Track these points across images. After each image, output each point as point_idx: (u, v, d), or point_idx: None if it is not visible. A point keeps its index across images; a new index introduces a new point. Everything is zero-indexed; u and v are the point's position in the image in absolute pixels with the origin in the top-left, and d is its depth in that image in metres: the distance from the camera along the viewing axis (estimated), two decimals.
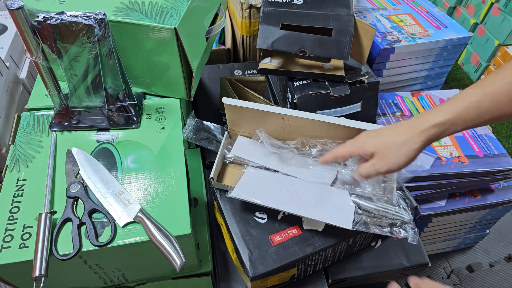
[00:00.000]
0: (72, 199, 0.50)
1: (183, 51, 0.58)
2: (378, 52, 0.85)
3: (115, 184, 0.53)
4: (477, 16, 1.51)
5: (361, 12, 0.98)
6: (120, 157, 0.57)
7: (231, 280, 0.64)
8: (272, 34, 0.71)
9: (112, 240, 0.48)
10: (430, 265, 0.68)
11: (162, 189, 0.53)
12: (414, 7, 1.00)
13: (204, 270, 0.61)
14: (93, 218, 0.50)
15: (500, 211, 0.92)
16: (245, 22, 0.96)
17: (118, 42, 0.55)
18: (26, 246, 0.47)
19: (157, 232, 0.47)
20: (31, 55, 0.51)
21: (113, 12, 0.56)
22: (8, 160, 0.55)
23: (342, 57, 0.70)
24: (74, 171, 0.54)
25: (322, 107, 0.74)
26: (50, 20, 0.48)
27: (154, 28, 0.55)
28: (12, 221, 0.49)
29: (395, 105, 0.86)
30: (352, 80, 0.74)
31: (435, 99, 0.88)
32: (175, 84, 0.63)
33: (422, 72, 0.96)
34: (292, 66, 0.76)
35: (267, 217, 0.59)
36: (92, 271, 0.53)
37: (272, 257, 0.55)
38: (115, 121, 0.60)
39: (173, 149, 0.58)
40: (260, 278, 0.55)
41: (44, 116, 0.61)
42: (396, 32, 0.89)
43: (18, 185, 0.52)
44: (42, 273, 0.44)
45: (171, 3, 0.58)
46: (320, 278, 0.65)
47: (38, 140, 0.58)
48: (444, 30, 0.91)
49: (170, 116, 0.63)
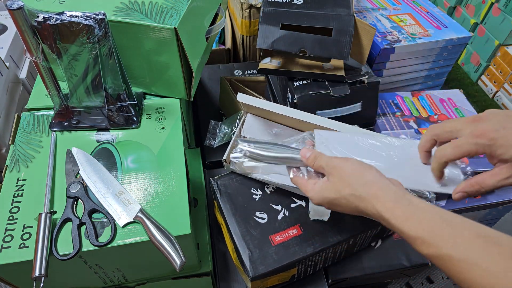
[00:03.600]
0: (72, 199, 0.50)
1: (183, 51, 0.58)
2: (378, 52, 0.85)
3: (115, 184, 0.53)
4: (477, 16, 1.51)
5: (361, 12, 0.98)
6: (120, 157, 0.57)
7: (231, 280, 0.64)
8: (272, 34, 0.71)
9: (112, 240, 0.48)
10: (430, 265, 0.68)
11: (162, 189, 0.53)
12: (414, 7, 1.00)
13: (204, 270, 0.61)
14: (93, 218, 0.50)
15: (500, 211, 0.92)
16: (245, 22, 0.96)
17: (118, 42, 0.55)
18: (26, 246, 0.47)
19: (157, 232, 0.47)
20: (31, 55, 0.51)
21: (113, 12, 0.56)
22: (8, 160, 0.55)
23: (342, 57, 0.70)
24: (74, 171, 0.54)
25: (322, 107, 0.74)
26: (50, 20, 0.48)
27: (154, 28, 0.55)
28: (12, 221, 0.49)
29: (395, 105, 0.86)
30: (352, 80, 0.74)
31: (435, 99, 0.88)
32: (175, 84, 0.63)
33: (422, 72, 0.96)
34: (292, 66, 0.76)
35: (267, 217, 0.59)
36: (92, 271, 0.53)
37: (273, 257, 0.55)
38: (115, 121, 0.60)
39: (173, 149, 0.58)
40: (261, 278, 0.55)
41: (44, 116, 0.61)
42: (396, 32, 0.89)
43: (18, 185, 0.52)
44: (42, 273, 0.44)
45: (171, 3, 0.58)
46: (320, 278, 0.65)
47: (38, 140, 0.58)
48: (444, 30, 0.91)
49: (170, 116, 0.63)
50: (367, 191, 0.39)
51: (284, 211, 0.60)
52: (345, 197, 0.40)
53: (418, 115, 0.84)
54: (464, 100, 0.88)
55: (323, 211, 0.57)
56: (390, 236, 0.69)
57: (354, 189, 0.40)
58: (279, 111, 0.59)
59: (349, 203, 0.40)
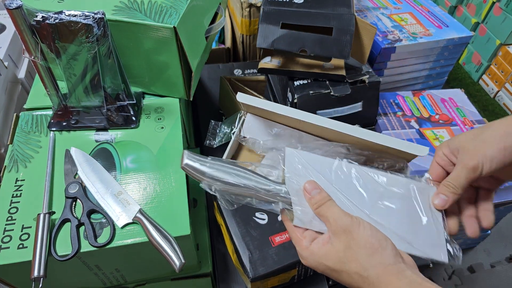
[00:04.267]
0: (70, 199, 0.50)
1: (182, 51, 0.57)
2: (379, 52, 0.84)
3: (114, 184, 0.53)
4: (478, 16, 1.50)
5: (361, 11, 0.97)
6: (119, 157, 0.56)
7: (231, 281, 0.64)
8: (272, 33, 0.71)
9: (111, 240, 0.47)
10: (431, 265, 0.68)
11: (161, 189, 0.53)
12: (415, 6, 1.00)
13: (203, 271, 0.61)
14: (92, 219, 0.49)
15: (502, 211, 0.92)
16: (245, 21, 0.96)
17: (117, 41, 0.55)
18: (25, 247, 0.46)
19: (156, 233, 0.47)
20: (29, 54, 0.51)
21: (112, 11, 0.55)
22: (7, 160, 0.55)
23: (342, 57, 0.70)
24: (73, 171, 0.54)
25: (322, 107, 0.74)
26: (48, 19, 0.48)
27: (153, 27, 0.55)
28: (10, 222, 0.48)
29: (396, 105, 0.86)
30: (353, 79, 0.74)
31: (436, 98, 0.87)
32: (175, 84, 0.63)
33: (423, 71, 0.95)
34: (292, 66, 0.76)
35: (267, 218, 0.59)
36: (91, 272, 0.52)
37: (273, 258, 0.54)
38: (114, 121, 0.60)
39: (172, 149, 0.58)
40: (261, 279, 0.54)
41: (43, 116, 0.61)
42: (397, 31, 0.89)
43: (17, 186, 0.52)
44: (41, 274, 0.43)
45: (170, 2, 0.58)
46: (321, 279, 0.65)
47: (37, 140, 0.58)
48: (445, 29, 0.90)
49: (170, 116, 0.62)
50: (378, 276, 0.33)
51: None
52: (349, 274, 0.34)
53: (419, 114, 0.83)
54: (466, 99, 0.88)
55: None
56: None
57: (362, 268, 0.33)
58: (279, 111, 0.58)
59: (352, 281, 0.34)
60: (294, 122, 0.61)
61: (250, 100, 0.60)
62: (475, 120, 0.83)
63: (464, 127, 0.81)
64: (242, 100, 0.61)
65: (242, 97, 0.61)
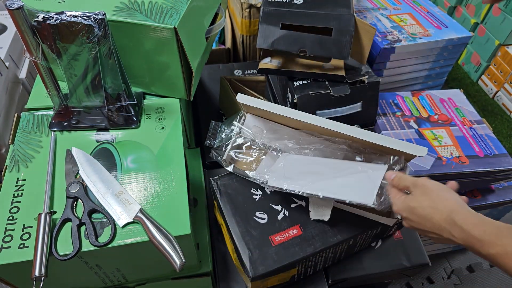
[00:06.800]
0: (71, 199, 0.50)
1: (182, 51, 0.57)
2: (379, 52, 0.85)
3: (115, 184, 0.53)
4: (477, 16, 1.50)
5: (361, 11, 0.97)
6: (120, 157, 0.56)
7: (231, 281, 0.64)
8: (272, 33, 0.71)
9: (111, 240, 0.48)
10: (430, 265, 0.68)
11: (161, 189, 0.53)
12: (415, 6, 1.00)
13: (204, 270, 0.61)
14: (93, 218, 0.50)
15: (501, 211, 0.92)
16: (245, 21, 0.96)
17: (117, 42, 0.55)
18: (26, 246, 0.46)
19: (156, 232, 0.47)
20: (30, 55, 0.51)
21: (113, 12, 0.56)
22: (8, 160, 0.55)
23: (342, 57, 0.70)
24: (74, 171, 0.54)
25: (322, 107, 0.74)
26: (49, 20, 0.48)
27: (154, 28, 0.55)
28: (11, 221, 0.49)
29: (396, 105, 0.86)
30: (353, 80, 0.74)
31: (435, 99, 0.88)
32: (175, 84, 0.63)
33: (423, 72, 0.96)
34: (292, 66, 0.76)
35: (267, 217, 0.59)
36: (92, 272, 0.52)
37: (273, 258, 0.55)
38: (115, 121, 0.60)
39: (172, 149, 0.58)
40: (261, 279, 0.54)
41: (44, 116, 0.61)
42: (396, 32, 0.89)
43: (18, 185, 0.52)
44: (42, 273, 0.44)
45: (171, 3, 0.58)
46: (321, 278, 0.65)
47: (38, 140, 0.58)
48: (445, 30, 0.91)
49: (170, 116, 0.62)
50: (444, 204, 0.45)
51: (284, 211, 0.59)
52: (424, 207, 0.46)
53: (418, 115, 0.84)
54: (465, 100, 0.88)
55: (323, 211, 0.57)
56: (390, 236, 0.69)
57: (433, 201, 0.46)
58: (279, 111, 0.58)
59: (426, 213, 0.45)
60: (293, 123, 0.61)
61: (250, 101, 0.61)
62: (474, 120, 0.83)
63: (463, 127, 0.81)
64: (242, 101, 0.61)
65: (242, 98, 0.61)
